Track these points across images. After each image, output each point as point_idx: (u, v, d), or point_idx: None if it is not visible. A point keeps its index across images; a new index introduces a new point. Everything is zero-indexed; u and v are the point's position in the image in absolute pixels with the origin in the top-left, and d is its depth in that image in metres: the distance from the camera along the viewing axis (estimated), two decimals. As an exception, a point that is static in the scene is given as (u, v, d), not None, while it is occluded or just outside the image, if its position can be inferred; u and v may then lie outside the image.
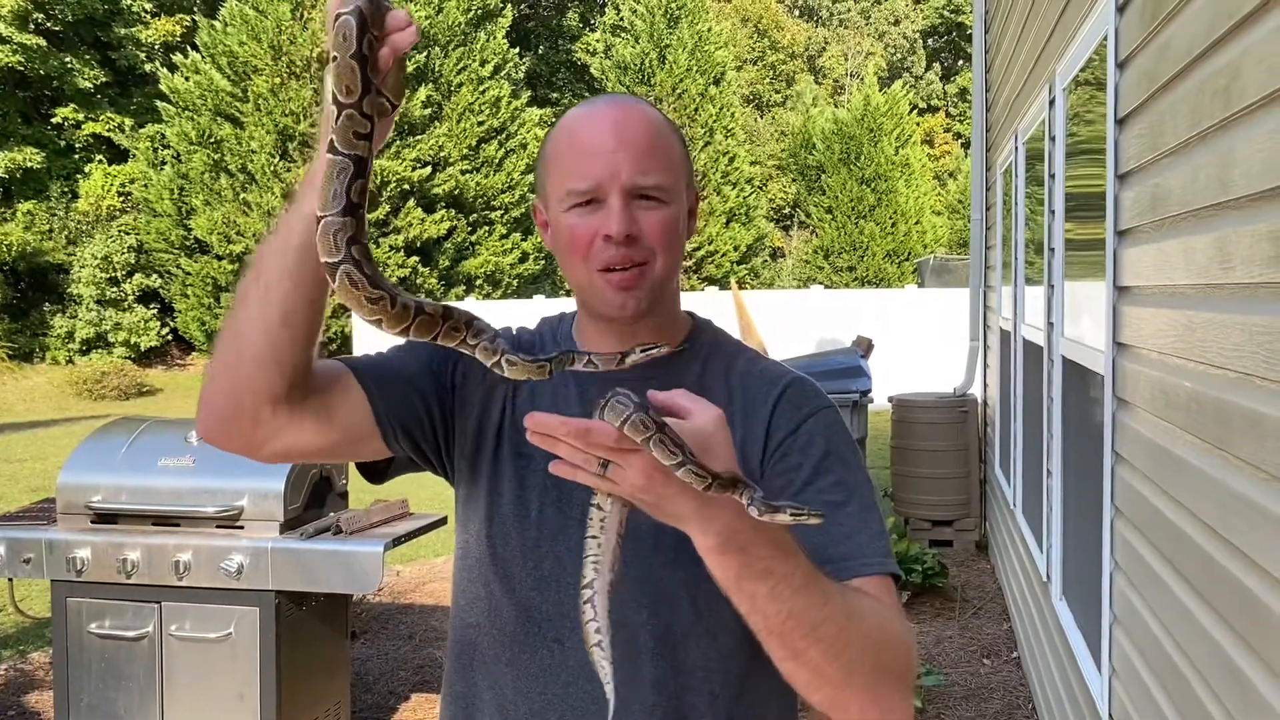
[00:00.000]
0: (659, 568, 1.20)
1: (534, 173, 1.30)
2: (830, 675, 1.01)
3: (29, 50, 21.31)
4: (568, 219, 1.19)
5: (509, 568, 1.25)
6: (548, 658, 1.22)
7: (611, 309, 1.21)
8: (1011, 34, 5.70)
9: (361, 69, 1.01)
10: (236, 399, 1.14)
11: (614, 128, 1.19)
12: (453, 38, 22.70)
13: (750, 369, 1.29)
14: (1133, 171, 2.48)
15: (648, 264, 1.19)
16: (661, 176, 1.19)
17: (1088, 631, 3.12)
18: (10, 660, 5.06)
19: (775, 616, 0.98)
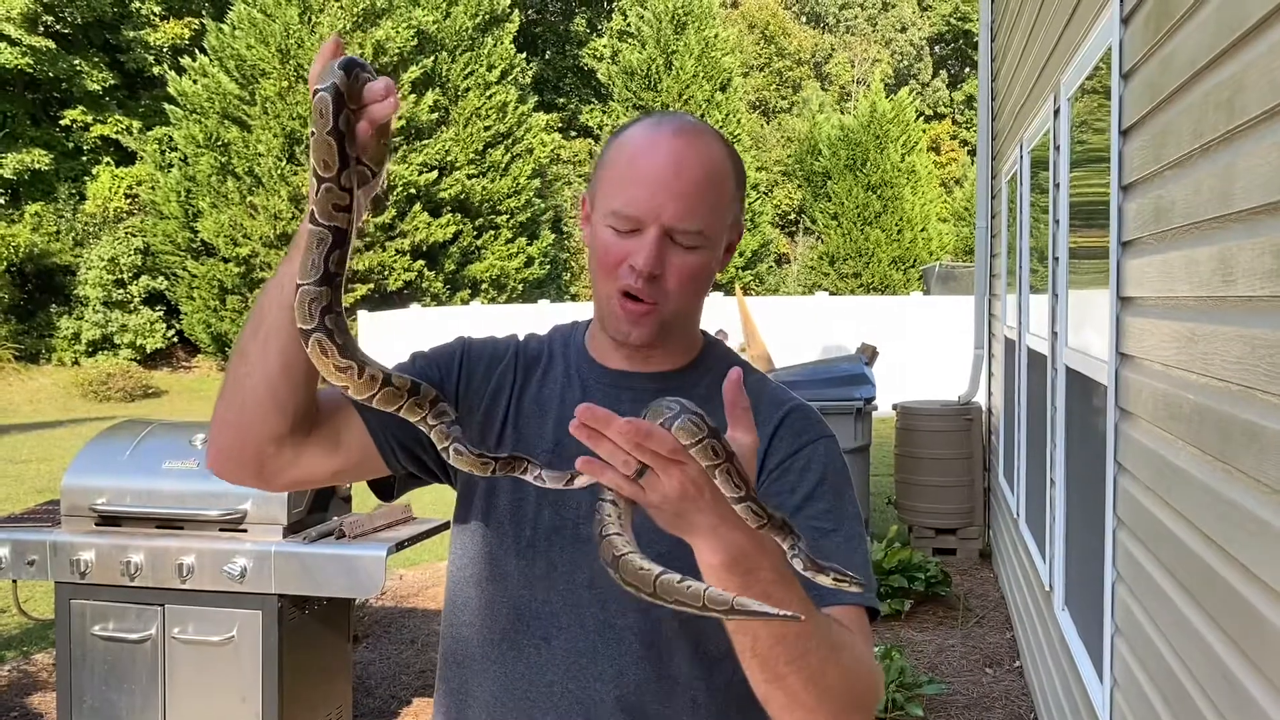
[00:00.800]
0: None
1: (596, 166, 1.29)
2: (805, 701, 1.03)
3: (38, 52, 21.41)
4: (605, 234, 1.21)
5: (502, 567, 1.27)
6: (534, 656, 1.24)
7: (619, 334, 1.24)
8: (1017, 44, 5.70)
9: (339, 144, 1.03)
10: (241, 442, 1.18)
11: (673, 164, 1.19)
12: (460, 43, 22.76)
13: (758, 390, 1.29)
14: (1136, 183, 2.48)
15: (660, 305, 1.21)
16: (703, 223, 1.19)
17: (1090, 641, 3.12)
18: (14, 661, 5.07)
19: (764, 640, 0.99)
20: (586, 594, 1.23)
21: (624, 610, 1.21)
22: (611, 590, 1.19)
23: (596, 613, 1.22)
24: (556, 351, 1.35)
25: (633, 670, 1.22)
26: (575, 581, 1.23)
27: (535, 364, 1.34)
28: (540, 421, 1.29)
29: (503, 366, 1.33)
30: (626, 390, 1.28)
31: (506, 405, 1.31)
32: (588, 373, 1.31)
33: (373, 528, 3.56)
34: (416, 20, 21.59)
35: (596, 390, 1.28)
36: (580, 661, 1.22)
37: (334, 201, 1.05)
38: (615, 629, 1.22)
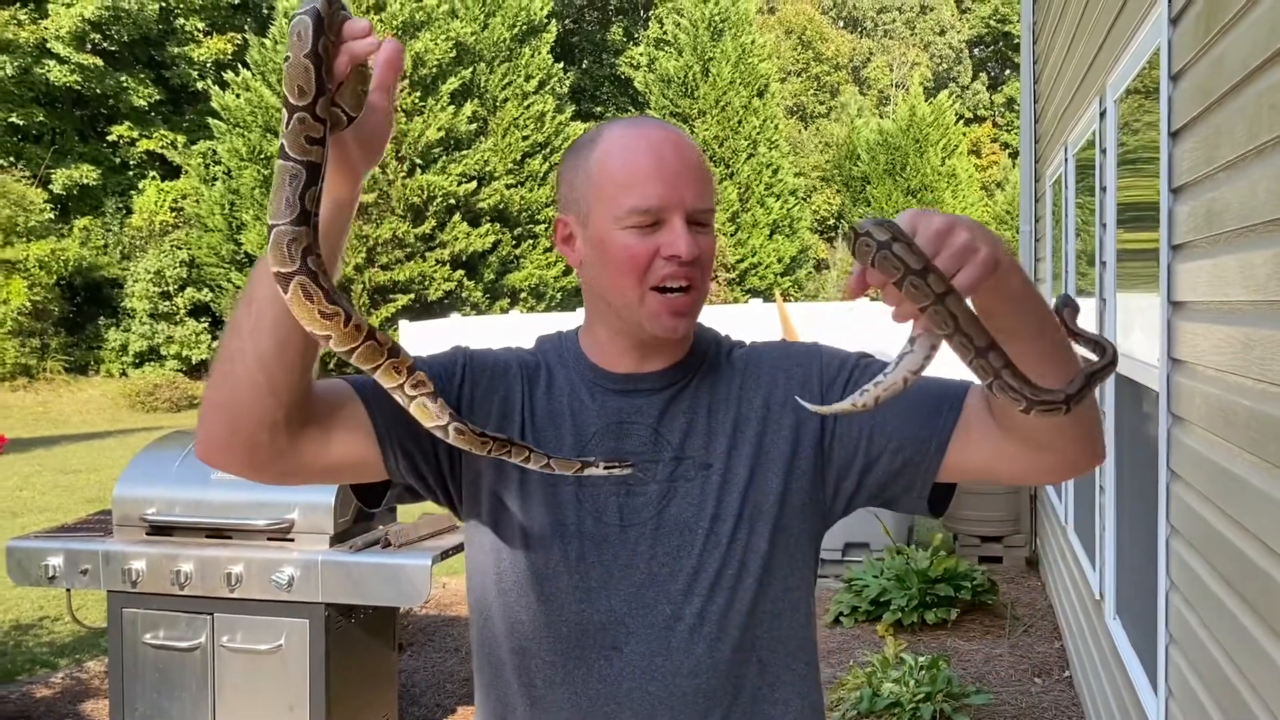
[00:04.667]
0: (700, 556, 1.25)
1: (562, 186, 1.29)
2: (1066, 376, 1.04)
3: (86, 70, 21.82)
4: (623, 236, 1.21)
5: (553, 585, 1.25)
6: (606, 667, 1.23)
7: (664, 330, 1.23)
8: (1060, 46, 5.64)
9: (316, 70, 0.97)
10: (233, 426, 1.12)
11: (675, 151, 1.23)
12: (498, 53, 22.91)
13: (748, 352, 1.35)
14: (1187, 185, 2.44)
15: (697, 288, 1.23)
16: (711, 202, 1.25)
17: (1143, 651, 3.07)
18: (67, 669, 5.15)
19: (1047, 315, 1.07)
20: (649, 592, 1.24)
21: (689, 597, 1.23)
22: (671, 581, 1.23)
23: (664, 608, 1.23)
24: (552, 362, 1.33)
25: (708, 655, 1.23)
26: (634, 582, 1.24)
27: (536, 376, 1.32)
28: (556, 433, 1.27)
29: (509, 379, 1.30)
30: (638, 392, 1.29)
31: (521, 419, 1.28)
32: (594, 379, 1.30)
33: (417, 537, 3.59)
34: (455, 32, 21.75)
35: (607, 394, 1.29)
36: (655, 661, 1.23)
37: (307, 133, 0.98)
38: (684, 620, 1.23)
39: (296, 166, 0.98)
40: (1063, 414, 0.96)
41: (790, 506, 1.26)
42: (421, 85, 20.78)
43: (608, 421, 1.27)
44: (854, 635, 5.51)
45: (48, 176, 21.78)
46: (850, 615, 5.68)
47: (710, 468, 1.25)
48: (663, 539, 1.24)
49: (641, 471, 1.24)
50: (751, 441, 1.26)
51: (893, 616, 5.49)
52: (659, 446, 1.26)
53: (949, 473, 1.23)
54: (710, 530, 1.24)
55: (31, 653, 5.44)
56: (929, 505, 1.26)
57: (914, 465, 1.23)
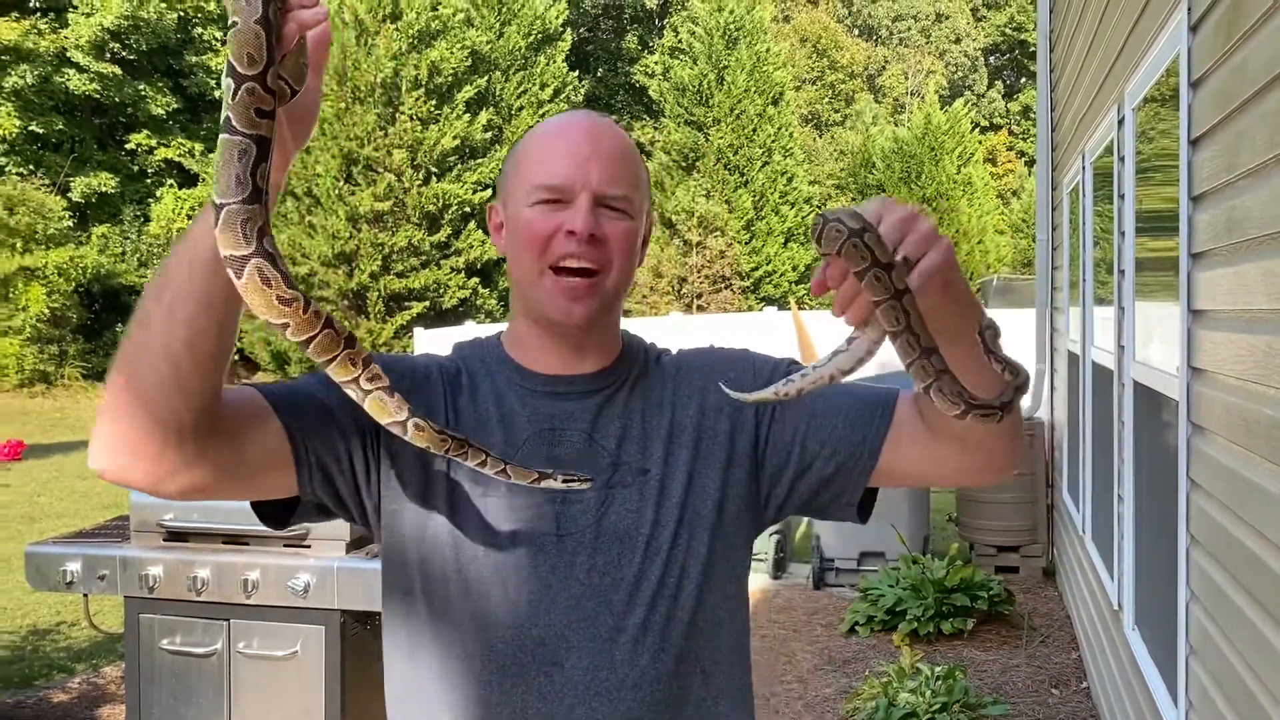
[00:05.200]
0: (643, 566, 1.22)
1: (499, 178, 1.29)
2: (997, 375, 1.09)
3: (105, 79, 21.99)
4: (529, 213, 1.19)
5: (487, 600, 1.18)
6: (546, 685, 1.17)
7: (559, 312, 1.20)
8: (1077, 53, 5.63)
9: (267, 37, 0.91)
10: (137, 433, 1.02)
11: (589, 135, 1.22)
12: (513, 62, 23.00)
13: (678, 359, 1.34)
14: (1207, 193, 2.43)
15: (603, 273, 1.20)
16: (628, 190, 1.21)
17: (1162, 663, 3.04)
18: (84, 674, 5.17)
19: (977, 314, 1.08)
20: (589, 604, 1.19)
21: (631, 608, 1.19)
22: (613, 592, 1.19)
23: (605, 619, 1.19)
24: (474, 368, 1.28)
25: (651, 667, 1.19)
26: (573, 594, 1.18)
27: (458, 382, 1.26)
28: (485, 441, 1.19)
29: (429, 386, 1.24)
30: (565, 395, 1.25)
31: (445, 424, 1.22)
32: (521, 381, 1.26)
33: (433, 544, 3.59)
34: (470, 41, 21.85)
35: (536, 397, 1.24)
36: (599, 676, 1.18)
37: (257, 105, 0.91)
38: (627, 631, 1.19)
39: (246, 141, 0.92)
40: (996, 420, 0.99)
41: (728, 513, 1.25)
42: (437, 94, 20.86)
43: (539, 427, 1.23)
44: (870, 645, 5.49)
45: (67, 184, 21.95)
46: (866, 625, 5.65)
47: (647, 474, 1.23)
48: (602, 548, 1.20)
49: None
50: (688, 447, 1.25)
51: (909, 626, 5.47)
52: (594, 452, 1.23)
53: (880, 478, 1.24)
54: (651, 538, 1.21)
55: (49, 658, 5.46)
56: (858, 512, 1.27)
57: (846, 471, 1.24)
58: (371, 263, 19.85)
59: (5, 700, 4.82)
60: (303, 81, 0.99)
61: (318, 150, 20.13)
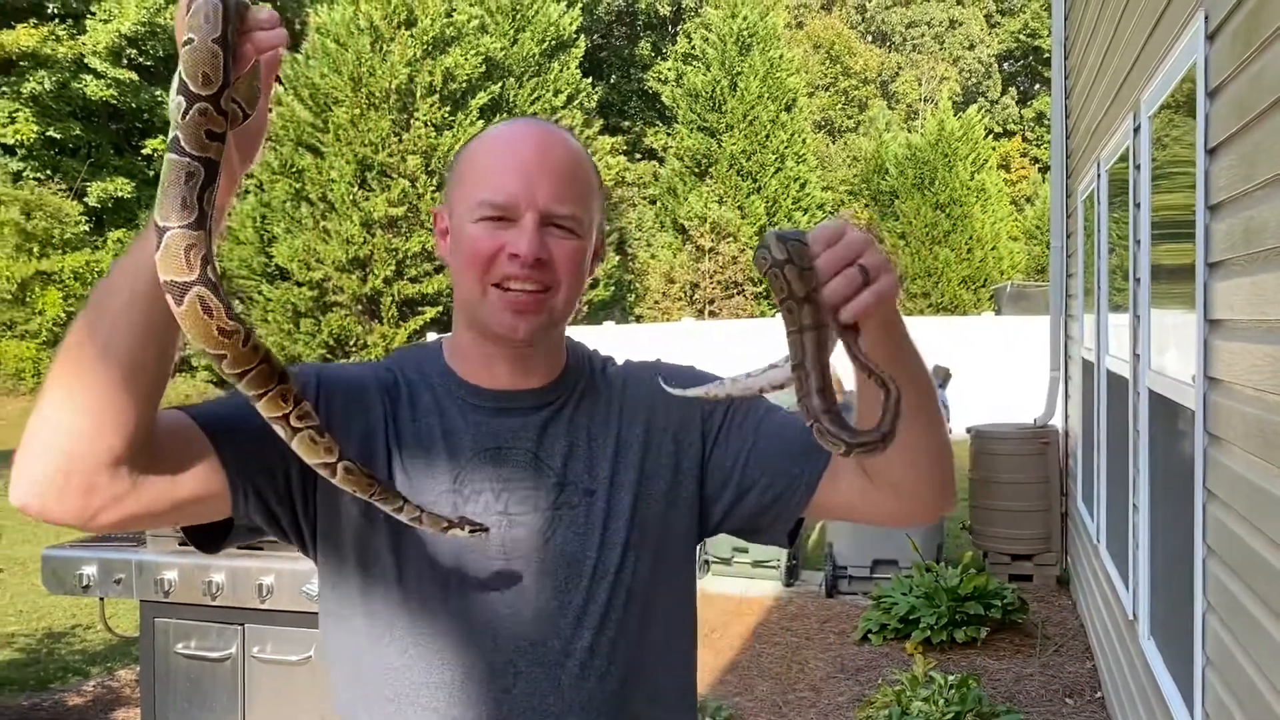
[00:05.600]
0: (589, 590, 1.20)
1: (445, 181, 1.26)
2: (941, 447, 1.16)
3: (122, 84, 22.16)
4: (473, 229, 1.15)
5: (432, 627, 1.15)
6: (494, 711, 1.15)
7: (503, 328, 1.16)
8: (1093, 61, 5.61)
9: (224, 57, 0.89)
10: (67, 466, 0.95)
11: (537, 149, 1.17)
12: (527, 68, 23.07)
13: (625, 373, 1.31)
14: (1224, 202, 2.42)
15: (551, 290, 1.16)
16: (576, 208, 1.17)
17: (1178, 673, 3.03)
18: (99, 677, 5.20)
19: (926, 392, 1.11)
20: (536, 629, 1.16)
21: (579, 632, 1.17)
22: (560, 616, 1.17)
23: (553, 644, 1.16)
24: (414, 380, 1.22)
25: (599, 689, 1.17)
26: (521, 620, 1.16)
27: (398, 395, 1.21)
28: (429, 460, 1.17)
29: (366, 399, 1.19)
30: (511, 412, 1.21)
31: (386, 443, 1.17)
32: (463, 395, 1.21)
33: (447, 550, 3.59)
34: (485, 47, 21.92)
35: (479, 413, 1.20)
36: (546, 701, 1.15)
37: (209, 127, 0.88)
38: (574, 655, 1.17)
39: (194, 163, 0.88)
40: (880, 451, 0.96)
41: (673, 533, 1.24)
42: (451, 100, 20.93)
43: (483, 445, 1.18)
44: (882, 653, 5.47)
45: (83, 189, 22.10)
46: (879, 633, 5.64)
47: (594, 494, 1.20)
48: (549, 572, 1.17)
49: (522, 500, 1.18)
50: (634, 466, 1.22)
51: (922, 634, 5.45)
52: (540, 472, 1.19)
53: (812, 511, 1.24)
54: (598, 561, 1.18)
55: (64, 661, 5.49)
56: (787, 537, 1.28)
57: (782, 501, 1.23)
58: (385, 268, 19.92)
59: (21, 703, 4.85)
60: (254, 104, 0.96)
61: (332, 156, 20.23)
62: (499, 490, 1.17)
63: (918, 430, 1.10)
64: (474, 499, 1.17)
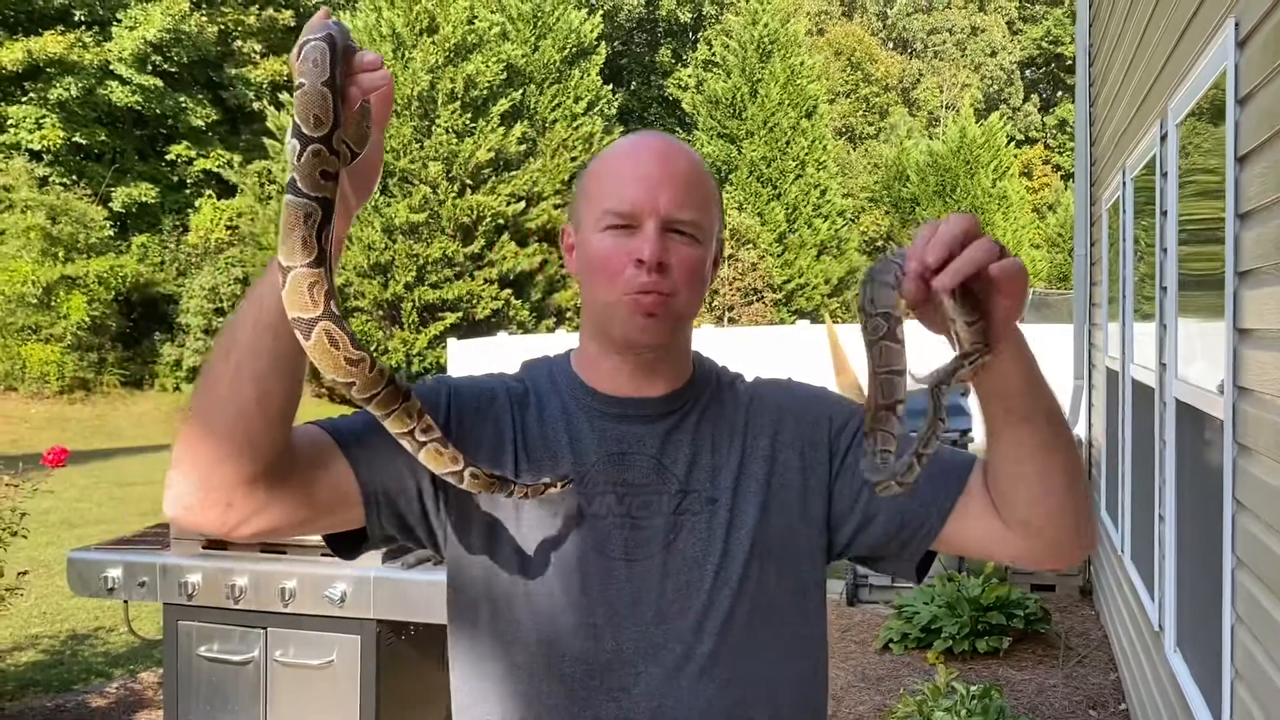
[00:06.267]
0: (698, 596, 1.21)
1: (571, 199, 1.29)
2: (1066, 475, 1.12)
3: (147, 91, 22.34)
4: (598, 239, 1.19)
5: (555, 623, 1.18)
6: (614, 710, 1.17)
7: (634, 331, 1.18)
8: (1119, 68, 5.58)
9: (334, 99, 0.92)
10: (206, 486, 1.05)
11: (659, 158, 1.20)
12: (548, 75, 23.14)
13: (753, 388, 1.32)
14: (1255, 211, 2.40)
15: (673, 295, 1.18)
16: (697, 214, 1.20)
17: (1206, 686, 3.00)
18: (121, 679, 5.23)
19: (1052, 400, 1.11)
20: (658, 631, 1.18)
21: (700, 638, 1.18)
22: (681, 620, 1.18)
23: (674, 648, 1.18)
24: (543, 389, 1.27)
25: (718, 698, 1.18)
26: (642, 621, 1.18)
27: (526, 403, 1.25)
28: (554, 464, 1.21)
29: (496, 408, 1.24)
30: (636, 418, 1.24)
31: (514, 449, 1.22)
32: (590, 402, 1.24)
33: (468, 555, 3.60)
34: (506, 54, 22.01)
35: (605, 419, 1.23)
36: (666, 704, 1.17)
37: (322, 168, 0.92)
38: (694, 660, 1.18)
39: (311, 204, 0.92)
40: (898, 493, 1.01)
41: (799, 550, 1.23)
42: (472, 107, 21.01)
43: (608, 450, 1.22)
44: (904, 662, 5.44)
45: (108, 194, 22.30)
46: (900, 642, 5.61)
47: (716, 503, 1.21)
48: (671, 575, 1.19)
49: (644, 504, 1.20)
50: (759, 479, 1.23)
51: (943, 644, 5.42)
52: (663, 478, 1.22)
53: (942, 544, 1.22)
54: (720, 567, 1.19)
55: (87, 662, 5.53)
56: (915, 571, 1.25)
57: (909, 530, 1.21)
58: (406, 273, 20.00)
59: (45, 704, 4.88)
60: (364, 144, 1.01)
61: (354, 162, 20.32)
62: (622, 493, 1.20)
63: (1048, 464, 1.10)
64: (597, 500, 1.20)
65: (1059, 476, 1.12)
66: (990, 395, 1.09)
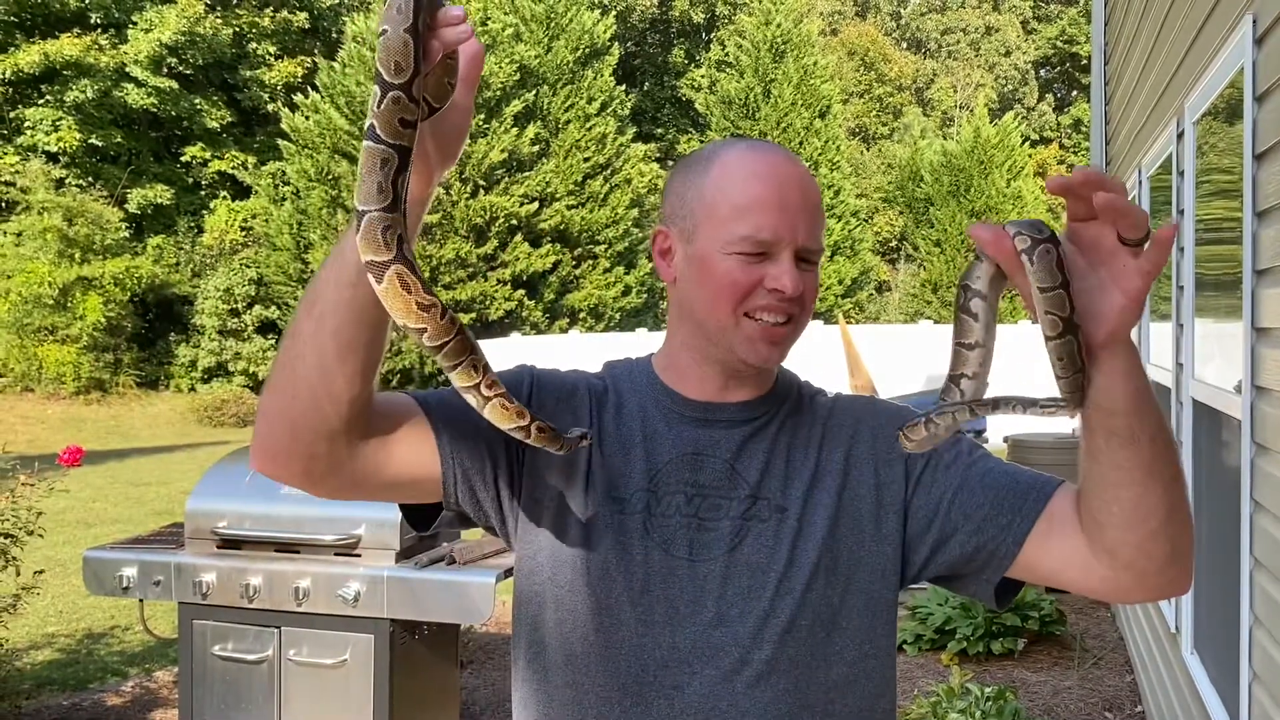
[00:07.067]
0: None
1: (669, 198, 1.25)
2: (1166, 502, 1.04)
3: (162, 93, 22.45)
4: (729, 262, 1.17)
5: (614, 616, 1.19)
6: (666, 708, 1.17)
7: (757, 358, 1.19)
8: (1134, 67, 5.55)
9: (415, 47, 0.92)
10: (292, 435, 1.08)
11: (798, 186, 1.19)
12: (561, 76, 23.14)
13: (833, 403, 1.31)
14: (1273, 209, 2.38)
15: (794, 321, 1.20)
16: (821, 244, 1.22)
17: (1224, 688, 2.98)
18: (137, 678, 5.25)
19: (1159, 416, 1.04)
20: (716, 633, 1.17)
21: (759, 644, 1.17)
22: (740, 624, 1.18)
23: (731, 651, 1.17)
24: (623, 388, 1.28)
25: (773, 706, 1.17)
26: (701, 621, 1.18)
27: (605, 400, 1.27)
28: (626, 459, 1.22)
29: (575, 401, 1.26)
30: (713, 423, 1.24)
31: (590, 446, 1.23)
32: (670, 405, 1.25)
33: (481, 554, 3.60)
34: (519, 55, 22.02)
35: (683, 422, 1.24)
36: (719, 706, 1.16)
37: (401, 115, 0.92)
38: (751, 666, 1.17)
39: (388, 150, 0.93)
40: (907, 447, 1.03)
41: (869, 568, 1.21)
42: (485, 107, 21.04)
43: (682, 451, 1.23)
44: (918, 664, 5.42)
45: (124, 196, 22.41)
46: (914, 643, 5.59)
47: (785, 511, 1.21)
48: (733, 579, 1.18)
49: (713, 506, 1.20)
50: (831, 493, 1.22)
51: (958, 645, 5.40)
52: (734, 482, 1.22)
53: (1021, 569, 1.17)
54: (784, 576, 1.19)
55: (103, 661, 5.55)
56: (996, 595, 1.20)
57: (986, 552, 1.18)
58: (419, 274, 20.03)
59: (61, 702, 4.91)
60: (444, 100, 1.00)
61: (368, 163, 20.36)
62: (691, 494, 1.21)
63: (1146, 492, 1.04)
64: (666, 499, 1.21)
65: (1157, 507, 1.05)
66: (1091, 410, 1.03)
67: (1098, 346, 0.99)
